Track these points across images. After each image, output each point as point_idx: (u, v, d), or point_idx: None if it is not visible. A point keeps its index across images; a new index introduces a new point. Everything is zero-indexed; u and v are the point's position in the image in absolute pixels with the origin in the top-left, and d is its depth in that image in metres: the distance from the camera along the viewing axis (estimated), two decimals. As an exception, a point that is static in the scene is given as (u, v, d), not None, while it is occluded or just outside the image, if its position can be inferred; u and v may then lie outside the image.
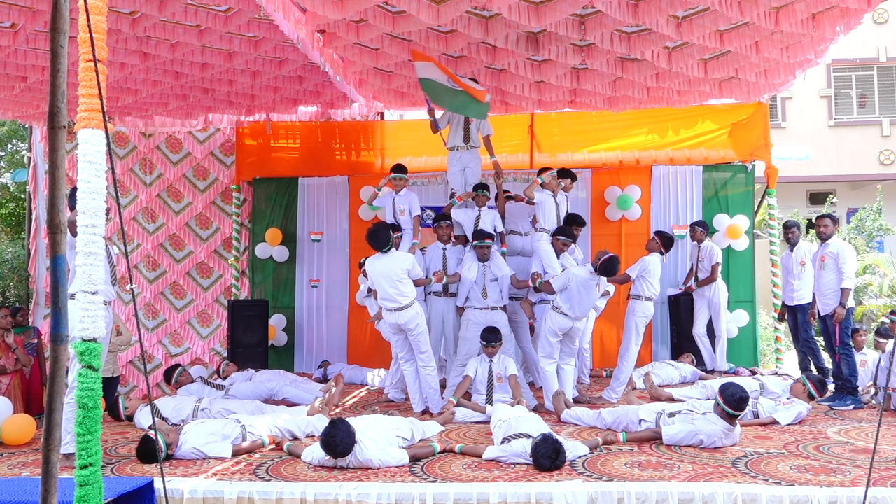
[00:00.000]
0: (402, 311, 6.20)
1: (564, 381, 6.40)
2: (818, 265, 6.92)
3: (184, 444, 4.85)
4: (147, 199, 9.84)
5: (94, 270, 2.89)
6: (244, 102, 8.68)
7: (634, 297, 6.90)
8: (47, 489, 2.09)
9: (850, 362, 6.65)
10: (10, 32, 6.22)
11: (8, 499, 3.58)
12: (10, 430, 5.53)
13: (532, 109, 8.66)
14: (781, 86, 7.86)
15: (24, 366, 7.16)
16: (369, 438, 4.66)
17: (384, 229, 6.36)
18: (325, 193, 9.56)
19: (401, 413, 6.14)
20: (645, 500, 3.95)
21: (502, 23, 6.13)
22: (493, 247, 6.84)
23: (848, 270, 6.67)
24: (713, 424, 5.00)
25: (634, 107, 8.51)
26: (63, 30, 2.09)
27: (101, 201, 2.92)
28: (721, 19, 5.79)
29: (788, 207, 14.89)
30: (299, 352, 9.44)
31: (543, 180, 7.18)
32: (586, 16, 6.03)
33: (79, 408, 2.79)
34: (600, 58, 6.82)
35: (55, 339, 2.15)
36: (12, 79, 7.39)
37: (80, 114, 2.91)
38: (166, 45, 6.61)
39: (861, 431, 5.52)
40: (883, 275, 13.68)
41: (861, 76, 17.59)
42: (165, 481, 3.41)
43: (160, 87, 7.79)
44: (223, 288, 9.80)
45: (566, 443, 4.63)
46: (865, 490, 3.61)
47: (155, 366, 9.49)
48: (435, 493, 4.04)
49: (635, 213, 8.94)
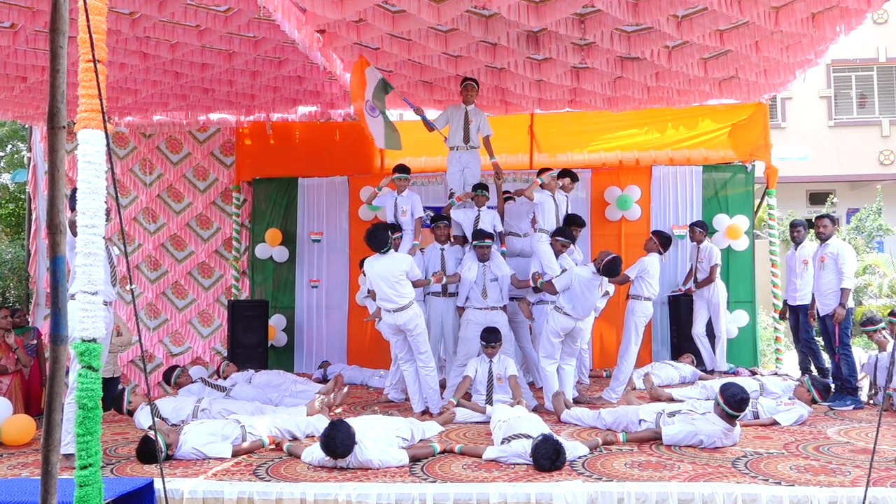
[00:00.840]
0: (400, 312, 6.19)
1: (564, 381, 6.40)
2: (818, 265, 6.93)
3: (184, 445, 4.85)
4: (147, 199, 9.84)
5: (94, 271, 2.89)
6: (244, 102, 8.68)
7: (633, 297, 6.89)
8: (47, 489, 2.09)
9: (849, 362, 6.65)
10: (10, 32, 6.22)
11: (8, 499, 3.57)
12: (10, 431, 5.52)
13: (532, 108, 8.67)
14: (782, 85, 7.86)
15: (25, 366, 7.16)
16: (369, 439, 4.65)
17: (382, 230, 6.35)
18: (324, 194, 9.55)
19: (401, 413, 6.14)
20: (645, 500, 3.95)
21: (502, 22, 6.13)
22: (493, 246, 6.84)
23: (848, 271, 6.68)
24: (713, 424, 4.99)
25: (634, 107, 8.51)
26: (63, 30, 2.09)
27: (101, 202, 2.92)
28: (721, 18, 5.79)
29: (788, 208, 14.89)
30: (299, 352, 9.44)
31: (543, 181, 7.18)
32: (586, 15, 6.04)
33: (79, 408, 2.79)
34: (600, 57, 6.82)
35: (55, 339, 2.15)
36: (12, 79, 7.39)
37: (79, 114, 2.91)
38: (166, 46, 6.61)
39: (861, 431, 5.52)
40: (883, 275, 13.69)
41: (861, 76, 17.59)
42: (165, 481, 3.41)
43: (160, 87, 7.79)
44: (224, 288, 9.81)
45: (566, 443, 4.63)
46: (865, 490, 3.61)
47: (156, 365, 9.50)
48: (435, 493, 4.04)
49: (635, 214, 8.94)
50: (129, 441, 5.47)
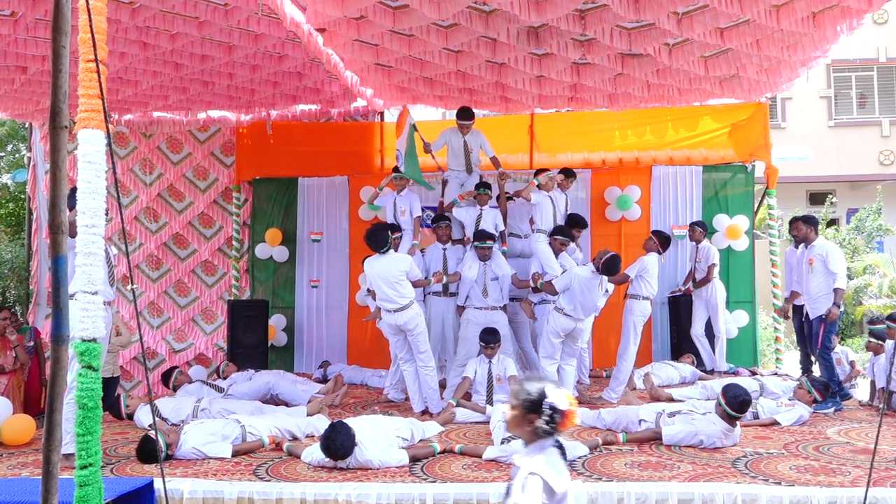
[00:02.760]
0: (401, 312, 6.19)
1: (565, 381, 6.39)
2: (806, 268, 6.87)
3: (184, 445, 4.85)
4: (148, 199, 9.83)
5: (94, 270, 2.89)
6: (244, 97, 8.65)
7: (632, 296, 6.90)
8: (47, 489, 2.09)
9: (829, 366, 6.68)
10: (11, 21, 6.18)
11: (8, 499, 3.58)
12: (10, 431, 5.52)
13: (532, 105, 8.64)
14: (784, 84, 7.85)
15: (23, 364, 7.16)
16: (369, 439, 4.66)
17: (382, 230, 6.36)
18: (325, 193, 9.54)
19: (400, 413, 6.14)
20: (645, 500, 3.96)
21: (503, 17, 6.13)
22: (495, 246, 6.84)
23: (839, 271, 6.66)
24: (713, 425, 5.00)
25: (635, 105, 8.49)
26: (64, 30, 2.09)
27: (101, 201, 2.92)
28: (721, 16, 5.78)
29: (788, 208, 14.88)
30: (299, 352, 9.43)
31: (539, 181, 7.18)
32: (587, 11, 6.03)
33: (79, 408, 2.79)
34: (601, 53, 6.81)
35: (56, 339, 2.15)
36: (12, 70, 7.34)
37: (80, 114, 2.91)
38: (166, 36, 6.60)
39: (861, 432, 5.53)
40: (883, 275, 13.69)
41: (861, 76, 17.59)
42: (165, 481, 3.41)
43: (160, 79, 7.76)
44: (227, 285, 9.81)
45: (566, 443, 4.62)
46: (865, 490, 3.62)
47: (159, 362, 9.50)
48: (435, 493, 4.04)
49: (635, 214, 8.94)
50: (129, 441, 5.47)
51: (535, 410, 2.45)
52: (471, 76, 7.50)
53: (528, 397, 2.47)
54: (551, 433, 2.47)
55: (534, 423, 2.45)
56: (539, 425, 2.44)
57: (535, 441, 2.48)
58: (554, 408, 2.44)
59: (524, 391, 2.49)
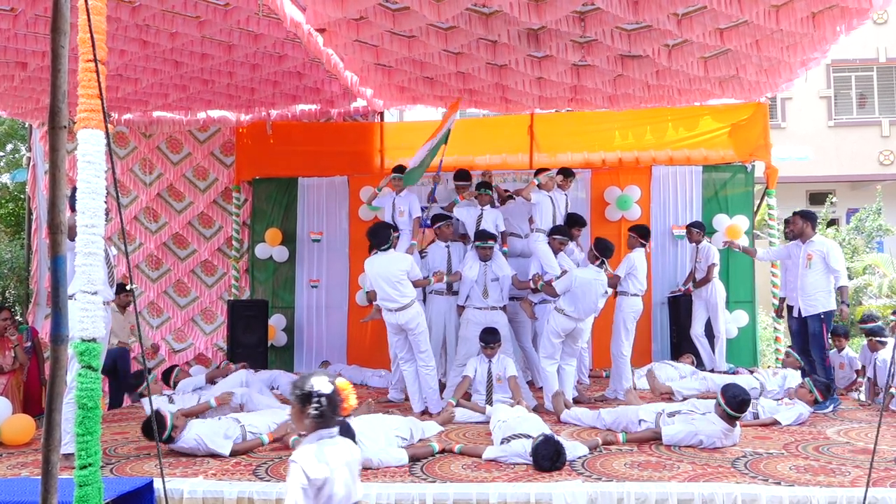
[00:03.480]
0: (402, 311, 6.20)
1: (565, 381, 6.39)
2: (804, 263, 6.72)
3: (187, 432, 4.93)
4: (147, 198, 9.84)
5: (94, 271, 2.89)
6: (244, 96, 8.65)
7: (621, 293, 6.93)
8: (47, 489, 2.09)
9: (825, 365, 6.63)
10: (10, 16, 6.17)
11: (8, 499, 3.58)
12: (10, 431, 5.52)
13: (533, 106, 8.65)
14: (783, 84, 7.85)
15: (22, 364, 7.15)
16: (368, 438, 4.66)
17: (385, 228, 6.38)
18: (324, 193, 9.54)
19: (400, 413, 6.13)
20: (644, 500, 3.96)
21: (503, 19, 6.13)
22: (495, 246, 6.84)
23: (841, 268, 6.60)
24: (713, 425, 4.99)
25: (635, 105, 8.49)
26: (64, 30, 2.09)
27: (101, 201, 2.92)
28: (721, 17, 5.79)
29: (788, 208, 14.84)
30: (299, 352, 9.43)
31: (539, 181, 7.18)
32: (586, 13, 6.03)
33: (78, 408, 2.79)
34: (601, 54, 6.82)
35: (56, 339, 2.15)
36: (12, 66, 7.33)
37: (79, 114, 2.90)
38: (166, 35, 6.61)
39: (861, 432, 5.53)
40: (882, 275, 13.68)
41: (860, 77, 17.59)
42: (165, 481, 3.40)
43: (160, 76, 7.76)
44: (227, 285, 9.81)
45: (566, 443, 4.63)
46: (865, 490, 3.61)
47: (158, 361, 9.50)
48: (434, 493, 4.04)
49: (635, 214, 8.93)
50: (129, 441, 5.47)
51: (307, 402, 2.62)
52: (471, 77, 7.50)
53: (299, 392, 2.65)
54: (326, 420, 2.64)
55: (307, 413, 2.62)
56: (309, 412, 2.61)
57: (313, 431, 2.65)
58: (321, 394, 2.61)
59: (296, 386, 2.67)
